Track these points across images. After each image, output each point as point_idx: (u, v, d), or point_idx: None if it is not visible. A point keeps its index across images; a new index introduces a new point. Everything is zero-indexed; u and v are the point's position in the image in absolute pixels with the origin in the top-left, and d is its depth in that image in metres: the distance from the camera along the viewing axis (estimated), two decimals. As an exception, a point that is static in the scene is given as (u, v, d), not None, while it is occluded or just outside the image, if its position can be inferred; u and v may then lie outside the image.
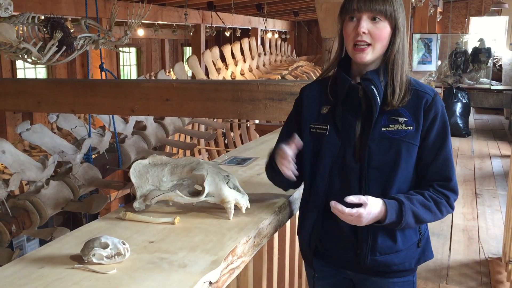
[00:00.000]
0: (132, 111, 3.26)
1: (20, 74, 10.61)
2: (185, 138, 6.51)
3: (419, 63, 8.53)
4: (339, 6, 1.44)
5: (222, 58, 7.87)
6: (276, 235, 1.88)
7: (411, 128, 1.40)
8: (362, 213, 1.32)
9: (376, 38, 1.37)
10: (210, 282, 1.17)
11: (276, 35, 13.25)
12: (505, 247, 3.55)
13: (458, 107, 8.36)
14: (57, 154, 3.56)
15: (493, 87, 9.59)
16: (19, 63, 10.31)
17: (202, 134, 5.98)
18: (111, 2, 7.22)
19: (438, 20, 11.87)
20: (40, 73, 11.42)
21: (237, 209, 1.51)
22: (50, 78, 10.55)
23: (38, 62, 2.85)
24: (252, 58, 8.72)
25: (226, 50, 7.97)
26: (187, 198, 1.50)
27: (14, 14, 2.73)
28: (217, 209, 1.55)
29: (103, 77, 4.12)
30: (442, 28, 14.14)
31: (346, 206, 1.32)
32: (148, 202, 1.51)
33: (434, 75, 8.63)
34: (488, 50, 9.57)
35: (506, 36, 11.85)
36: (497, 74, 10.38)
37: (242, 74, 8.29)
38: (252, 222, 1.47)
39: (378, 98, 1.39)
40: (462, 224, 4.48)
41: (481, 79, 9.76)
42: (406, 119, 1.40)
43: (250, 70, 8.55)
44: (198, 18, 10.32)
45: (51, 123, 7.21)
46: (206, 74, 7.22)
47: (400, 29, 1.39)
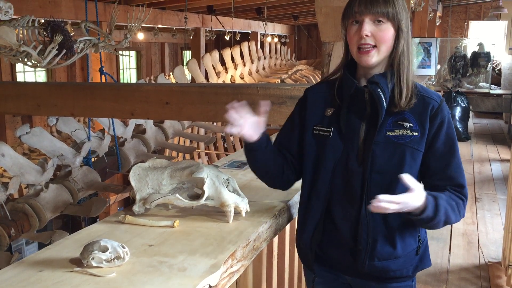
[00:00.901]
0: (131, 115, 3.26)
1: (20, 78, 10.61)
2: (184, 142, 6.51)
3: (419, 67, 8.54)
4: (339, 10, 1.44)
5: (222, 62, 7.88)
6: (275, 239, 1.88)
7: (416, 133, 1.39)
8: (408, 201, 1.27)
9: (380, 40, 1.36)
10: (210, 286, 1.17)
11: (275, 39, 13.27)
12: (504, 252, 3.55)
13: (458, 111, 8.37)
14: (56, 158, 3.56)
15: (492, 92, 9.60)
16: (19, 66, 10.31)
17: (202, 138, 5.98)
18: (111, 6, 7.24)
19: (437, 24, 11.91)
20: (40, 76, 11.43)
21: (236, 212, 1.51)
22: (50, 82, 10.55)
23: (38, 65, 2.85)
24: (251, 62, 8.74)
25: (226, 54, 7.99)
26: (187, 202, 1.50)
27: (14, 17, 2.73)
28: (216, 212, 1.54)
29: (103, 80, 4.12)
30: (442, 32, 14.18)
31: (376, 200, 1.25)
32: (147, 205, 1.51)
33: (433, 79, 8.65)
34: (487, 55, 9.59)
35: (505, 40, 11.88)
36: (496, 79, 10.40)
37: (242, 78, 8.31)
38: (251, 225, 1.47)
39: (384, 102, 1.38)
40: (462, 228, 4.48)
41: (480, 83, 9.77)
42: (411, 124, 1.39)
43: (250, 74, 8.57)
44: (198, 22, 10.35)
45: (51, 127, 7.21)
46: (206, 77, 7.23)
47: (403, 30, 1.38)
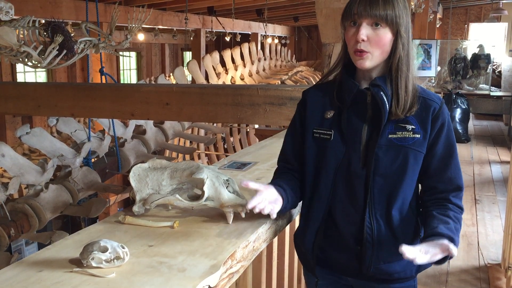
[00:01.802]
0: (132, 115, 3.27)
1: (20, 78, 10.62)
2: (184, 143, 6.51)
3: (419, 69, 8.55)
4: (339, 11, 1.44)
5: (222, 63, 7.89)
6: (275, 240, 1.88)
7: (419, 136, 1.39)
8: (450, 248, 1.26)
9: (374, 45, 1.34)
10: (209, 287, 1.16)
11: (276, 40, 13.28)
12: (504, 253, 3.55)
13: (458, 113, 8.37)
14: (56, 158, 3.56)
15: (492, 93, 9.60)
16: (19, 67, 10.32)
17: (202, 139, 5.98)
18: (112, 7, 7.24)
19: (437, 26, 11.91)
20: (40, 77, 11.44)
21: (236, 213, 1.51)
22: (50, 82, 10.56)
23: (39, 65, 2.85)
24: (252, 63, 8.74)
25: (226, 55, 7.99)
26: (187, 202, 1.50)
27: (15, 17, 2.74)
28: (216, 213, 1.54)
29: (103, 81, 4.12)
30: (442, 34, 14.19)
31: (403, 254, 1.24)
32: (147, 206, 1.51)
33: (433, 81, 8.65)
34: (487, 56, 9.59)
35: (506, 42, 11.89)
36: (496, 80, 10.40)
37: (242, 79, 8.31)
38: (251, 226, 1.47)
39: (387, 105, 1.37)
40: (462, 230, 4.44)
41: (480, 85, 9.77)
42: (413, 127, 1.39)
43: (250, 75, 8.57)
44: (198, 23, 10.36)
45: (51, 127, 7.21)
46: (206, 78, 7.24)
47: (402, 35, 1.36)
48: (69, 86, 3.53)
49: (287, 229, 2.00)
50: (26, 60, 2.82)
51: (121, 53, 3.65)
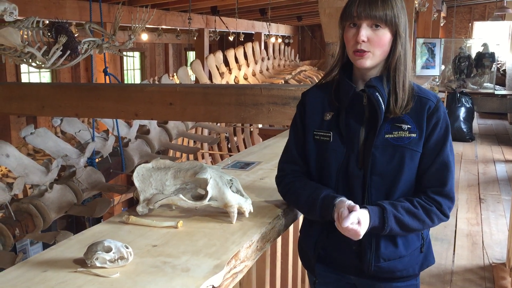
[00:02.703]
0: (135, 115, 3.27)
1: (24, 78, 10.65)
2: (188, 142, 6.51)
3: (423, 68, 8.51)
4: (342, 11, 1.44)
5: (226, 63, 7.88)
6: (279, 240, 1.88)
7: (415, 135, 1.39)
8: (357, 229, 1.31)
9: (375, 45, 1.36)
10: (213, 286, 1.17)
11: (279, 40, 13.26)
12: (509, 253, 3.54)
13: (462, 112, 8.35)
14: (60, 158, 3.57)
15: (497, 92, 9.58)
16: (24, 67, 10.35)
17: (206, 138, 5.99)
18: (116, 7, 7.25)
19: (441, 25, 11.86)
20: (44, 77, 11.47)
21: (240, 213, 1.51)
22: (54, 82, 10.59)
23: (43, 66, 2.86)
24: (255, 63, 8.73)
25: (230, 54, 7.99)
26: (190, 202, 1.50)
27: (19, 18, 2.74)
28: (220, 213, 1.54)
29: (107, 81, 4.13)
30: (446, 33, 14.14)
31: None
32: (151, 206, 1.51)
33: (437, 80, 8.62)
34: (492, 55, 9.56)
35: (510, 41, 11.82)
36: (501, 79, 10.37)
37: (246, 79, 8.30)
38: (255, 226, 1.47)
39: (383, 105, 1.38)
40: (466, 229, 4.46)
41: (485, 84, 9.74)
42: (409, 126, 1.39)
43: (254, 75, 8.56)
44: (202, 23, 10.36)
45: (55, 127, 7.24)
46: (210, 78, 7.24)
47: (401, 35, 1.37)
48: (73, 87, 3.54)
49: (291, 229, 2.00)
50: (30, 60, 2.82)
51: (124, 53, 3.66)
